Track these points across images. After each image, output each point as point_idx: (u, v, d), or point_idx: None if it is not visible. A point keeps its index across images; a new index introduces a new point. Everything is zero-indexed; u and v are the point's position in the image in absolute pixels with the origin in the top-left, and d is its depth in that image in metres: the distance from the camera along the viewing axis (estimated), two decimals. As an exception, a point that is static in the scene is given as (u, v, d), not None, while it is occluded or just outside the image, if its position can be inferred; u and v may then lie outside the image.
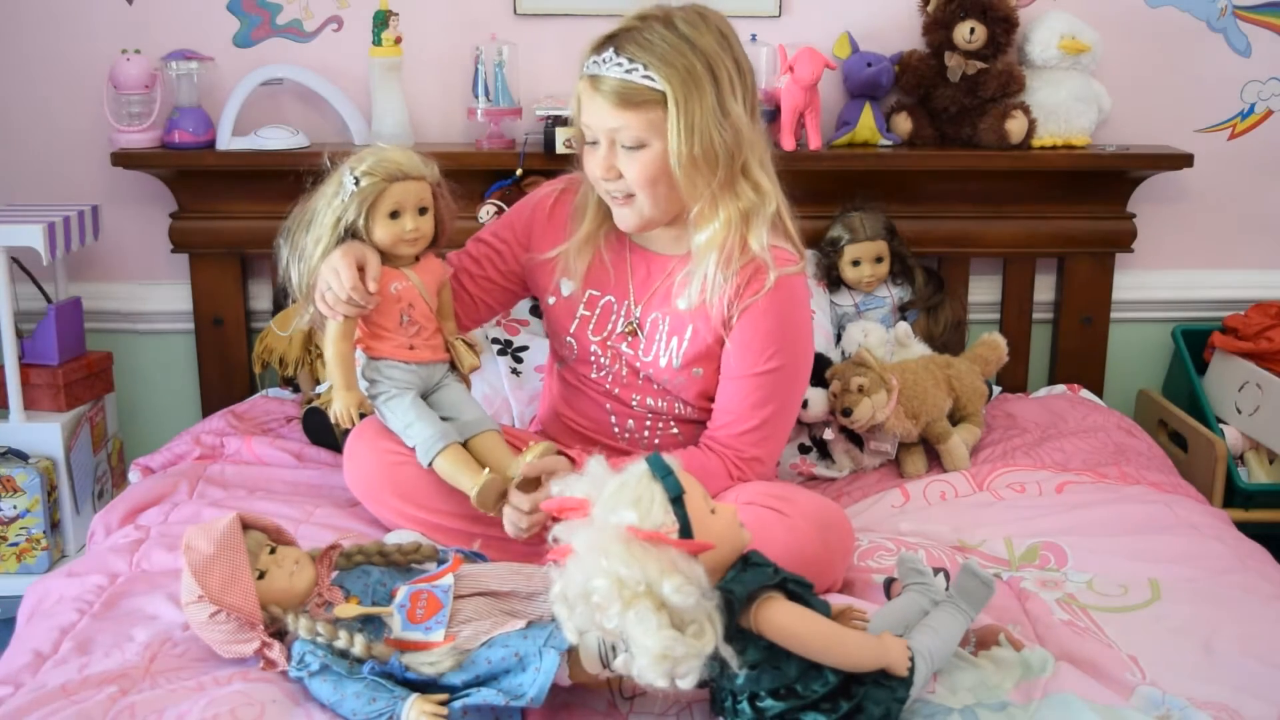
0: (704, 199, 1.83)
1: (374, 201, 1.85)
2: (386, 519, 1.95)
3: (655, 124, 1.78)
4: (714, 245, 1.85)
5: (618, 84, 1.77)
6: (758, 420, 1.91)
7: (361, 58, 2.62)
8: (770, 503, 1.80)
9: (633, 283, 1.99)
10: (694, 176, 1.80)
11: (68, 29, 2.66)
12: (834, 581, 1.83)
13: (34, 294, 2.64)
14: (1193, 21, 2.74)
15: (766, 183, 1.86)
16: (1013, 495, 2.15)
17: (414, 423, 1.87)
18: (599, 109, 1.80)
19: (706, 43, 1.78)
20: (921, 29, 2.66)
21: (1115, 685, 1.53)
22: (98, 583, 1.82)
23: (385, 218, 1.86)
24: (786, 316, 1.90)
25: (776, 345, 1.89)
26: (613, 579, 1.28)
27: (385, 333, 1.89)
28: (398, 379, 1.89)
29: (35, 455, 2.47)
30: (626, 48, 1.77)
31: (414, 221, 1.87)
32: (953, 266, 2.75)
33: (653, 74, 1.76)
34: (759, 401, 1.91)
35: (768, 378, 1.91)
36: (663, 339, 1.96)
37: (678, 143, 1.77)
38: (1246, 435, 2.65)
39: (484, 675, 1.47)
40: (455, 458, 1.85)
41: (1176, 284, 2.88)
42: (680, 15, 1.81)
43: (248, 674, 1.54)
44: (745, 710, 1.39)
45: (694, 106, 1.76)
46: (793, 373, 1.94)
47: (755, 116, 1.88)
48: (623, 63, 1.77)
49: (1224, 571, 1.85)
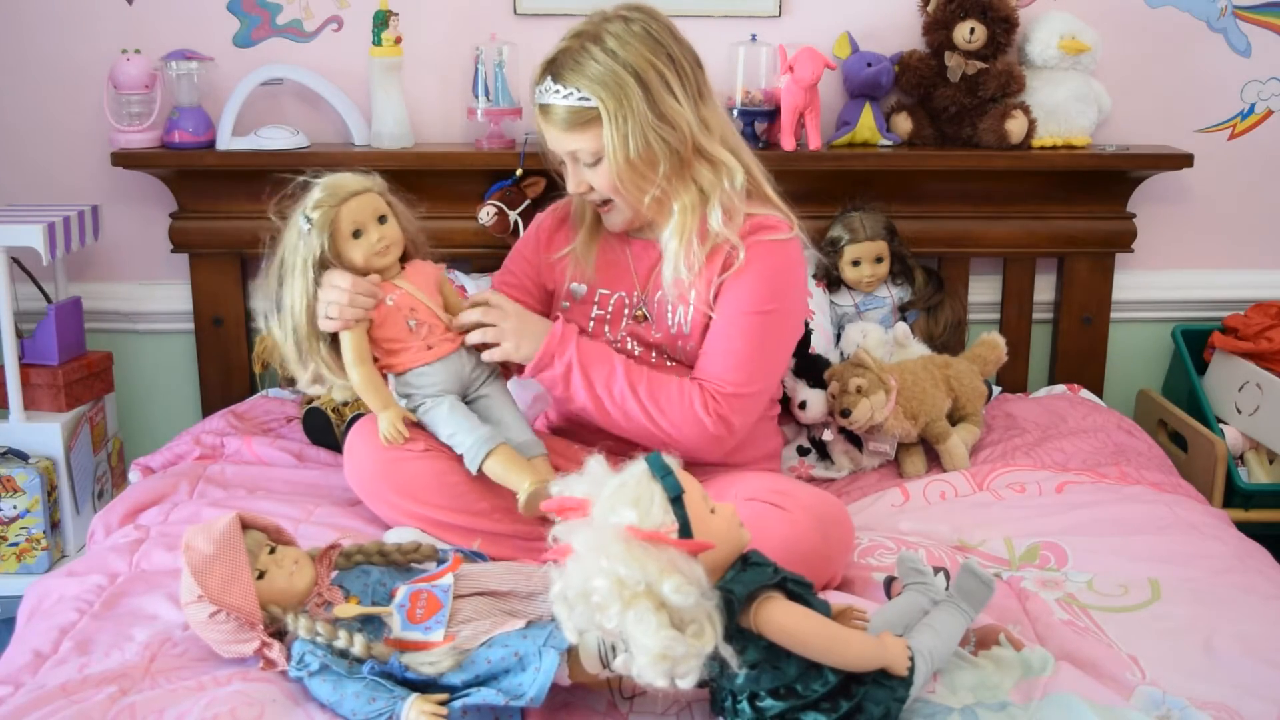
0: (652, 195, 1.93)
1: (332, 229, 1.87)
2: (386, 516, 1.95)
3: (603, 138, 1.90)
4: (674, 235, 1.96)
5: (561, 110, 1.91)
6: (740, 357, 1.95)
7: (361, 58, 2.62)
8: (770, 498, 1.81)
9: (637, 274, 2.06)
10: (636, 180, 1.92)
11: (68, 29, 2.66)
12: (834, 576, 1.83)
13: (34, 294, 2.64)
14: (1193, 21, 2.74)
15: (725, 155, 1.96)
16: (1013, 495, 2.15)
17: (456, 431, 1.89)
18: (554, 135, 1.95)
19: (632, 53, 1.89)
20: (921, 29, 2.66)
21: (1115, 685, 1.53)
22: (98, 583, 1.82)
23: (349, 239, 1.89)
24: (776, 272, 1.98)
25: (768, 292, 1.97)
26: (612, 579, 1.28)
27: (399, 344, 1.92)
28: (429, 385, 1.92)
29: (35, 455, 2.47)
30: (561, 74, 1.90)
31: (377, 232, 1.90)
32: (953, 266, 2.75)
33: (587, 95, 1.88)
34: (746, 341, 1.96)
35: (756, 319, 1.96)
36: (669, 313, 2.03)
37: (612, 152, 1.89)
38: (1246, 435, 2.65)
39: (484, 675, 1.47)
40: (505, 459, 1.86)
41: (1176, 284, 2.88)
42: (609, 29, 1.91)
43: (247, 674, 1.54)
44: (745, 710, 1.39)
45: (625, 117, 1.88)
46: (781, 320, 2.00)
47: (704, 97, 1.97)
48: (560, 89, 1.90)
49: (1224, 571, 1.85)
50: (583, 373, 1.94)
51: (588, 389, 1.94)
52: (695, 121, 1.92)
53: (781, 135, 2.55)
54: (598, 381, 1.94)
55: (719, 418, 1.93)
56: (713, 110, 1.98)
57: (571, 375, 1.94)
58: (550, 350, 1.94)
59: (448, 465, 1.92)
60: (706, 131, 1.95)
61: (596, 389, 1.94)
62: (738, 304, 1.96)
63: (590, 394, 1.94)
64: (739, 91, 2.59)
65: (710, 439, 1.94)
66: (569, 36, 1.93)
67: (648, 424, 1.93)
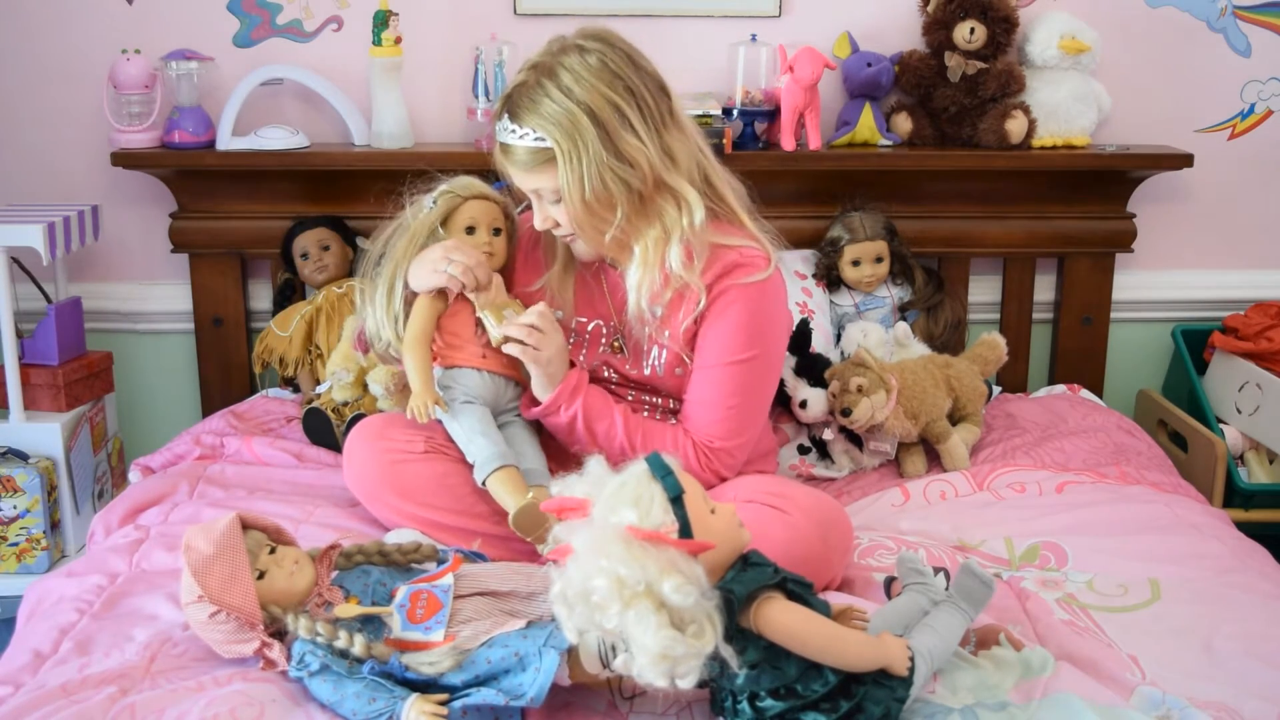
0: (611, 234, 1.89)
1: (450, 216, 1.97)
2: (386, 518, 1.95)
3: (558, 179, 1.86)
4: (636, 270, 1.91)
5: (519, 151, 1.87)
6: (726, 410, 1.95)
7: (361, 58, 2.62)
8: (769, 500, 1.81)
9: (613, 304, 2.03)
10: (593, 220, 1.87)
11: (68, 29, 2.66)
12: (833, 578, 1.83)
13: (34, 294, 2.64)
14: (1193, 21, 2.74)
15: (687, 190, 1.89)
16: (1013, 495, 2.15)
17: (478, 437, 1.90)
18: (516, 173, 1.91)
19: (586, 90, 1.82)
20: (921, 29, 2.66)
21: (1115, 685, 1.53)
22: (97, 583, 1.82)
23: (462, 232, 1.98)
24: (754, 316, 1.94)
25: (746, 338, 1.93)
26: (612, 579, 1.28)
27: (459, 340, 1.96)
28: (470, 386, 1.94)
29: (35, 455, 2.47)
30: (519, 114, 1.85)
31: (488, 237, 1.98)
32: (953, 266, 2.75)
33: (543, 135, 1.83)
34: (729, 392, 1.94)
35: (738, 368, 1.94)
36: (645, 355, 2.01)
37: (568, 193, 1.84)
38: (1246, 435, 2.65)
39: (484, 675, 1.47)
40: (509, 479, 1.87)
41: (1176, 284, 2.88)
42: (565, 62, 1.84)
43: (248, 674, 1.54)
44: (745, 710, 1.39)
45: (580, 158, 1.82)
46: (763, 365, 1.97)
47: (668, 125, 1.89)
48: (516, 129, 1.86)
49: (1224, 571, 1.85)
50: (585, 425, 1.95)
51: (589, 437, 1.95)
52: (658, 156, 1.85)
53: (781, 135, 2.55)
54: (599, 433, 1.95)
55: (711, 472, 1.96)
56: (679, 137, 1.90)
57: (575, 425, 1.95)
58: (559, 401, 1.95)
59: (448, 467, 1.92)
60: (671, 164, 1.87)
61: (598, 439, 1.95)
62: (718, 354, 1.94)
63: (591, 442, 1.95)
64: (739, 91, 2.59)
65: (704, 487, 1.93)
66: (526, 69, 1.88)
67: None
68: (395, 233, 2.01)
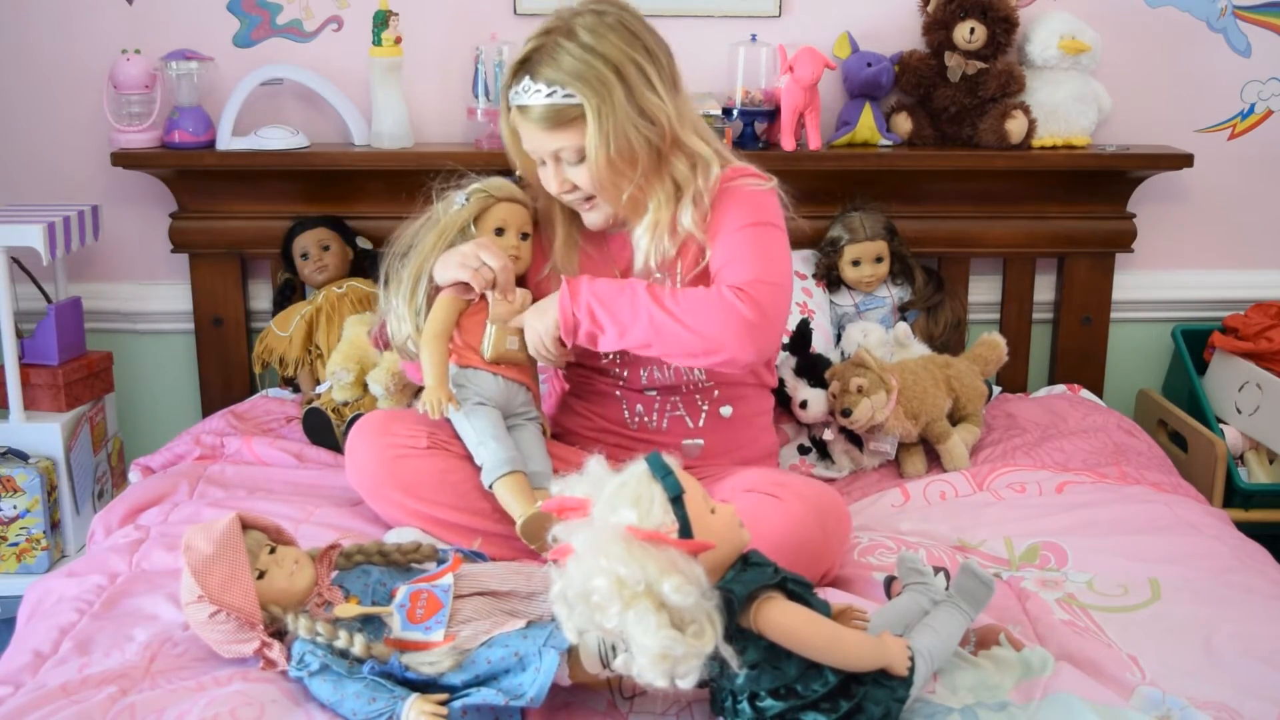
0: (628, 193, 1.90)
1: (481, 216, 1.96)
2: (388, 514, 1.95)
3: (586, 136, 1.86)
4: (646, 231, 1.94)
5: (544, 110, 1.85)
6: (749, 261, 1.90)
7: (361, 58, 2.62)
8: (767, 489, 1.82)
9: (617, 269, 2.03)
10: (614, 178, 1.88)
11: (68, 29, 2.66)
12: (832, 564, 1.84)
13: (34, 294, 2.64)
14: (1193, 21, 2.74)
15: (701, 147, 1.93)
16: (1013, 495, 2.15)
17: (489, 440, 1.89)
18: (535, 135, 1.89)
19: (609, 46, 1.85)
20: (921, 29, 2.66)
21: (1115, 685, 1.53)
22: (98, 583, 1.82)
23: (491, 232, 1.97)
24: (754, 197, 1.96)
25: (752, 209, 1.94)
26: (612, 579, 1.28)
27: (478, 341, 1.96)
28: (483, 388, 1.94)
29: (35, 455, 2.47)
30: (541, 72, 1.85)
31: (516, 241, 1.99)
32: (953, 266, 2.75)
33: (570, 91, 1.83)
34: (749, 248, 1.91)
35: (751, 230, 1.93)
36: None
37: (594, 150, 1.85)
38: (1246, 435, 2.65)
39: (484, 675, 1.47)
40: (516, 486, 1.86)
41: (1176, 284, 2.88)
42: (581, 22, 1.87)
43: (248, 674, 1.54)
44: (745, 710, 1.39)
45: (608, 114, 1.83)
46: (775, 234, 1.96)
47: (678, 88, 1.94)
48: (541, 88, 1.85)
49: (1224, 571, 1.85)
50: (606, 309, 1.88)
51: (614, 321, 1.88)
52: (674, 114, 1.89)
53: (781, 135, 2.55)
54: (623, 310, 1.88)
55: (753, 302, 1.86)
56: (685, 100, 1.95)
57: (597, 316, 1.89)
58: (565, 306, 1.90)
59: (450, 463, 1.92)
60: (683, 123, 1.91)
61: (623, 316, 1.88)
62: (729, 227, 1.93)
63: (618, 325, 1.88)
64: (739, 91, 2.59)
65: (749, 326, 1.84)
66: (539, 34, 1.88)
67: (683, 332, 1.85)
68: (424, 226, 2.00)
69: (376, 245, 2.62)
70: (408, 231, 2.02)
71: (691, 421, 2.07)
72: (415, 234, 2.00)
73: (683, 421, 2.07)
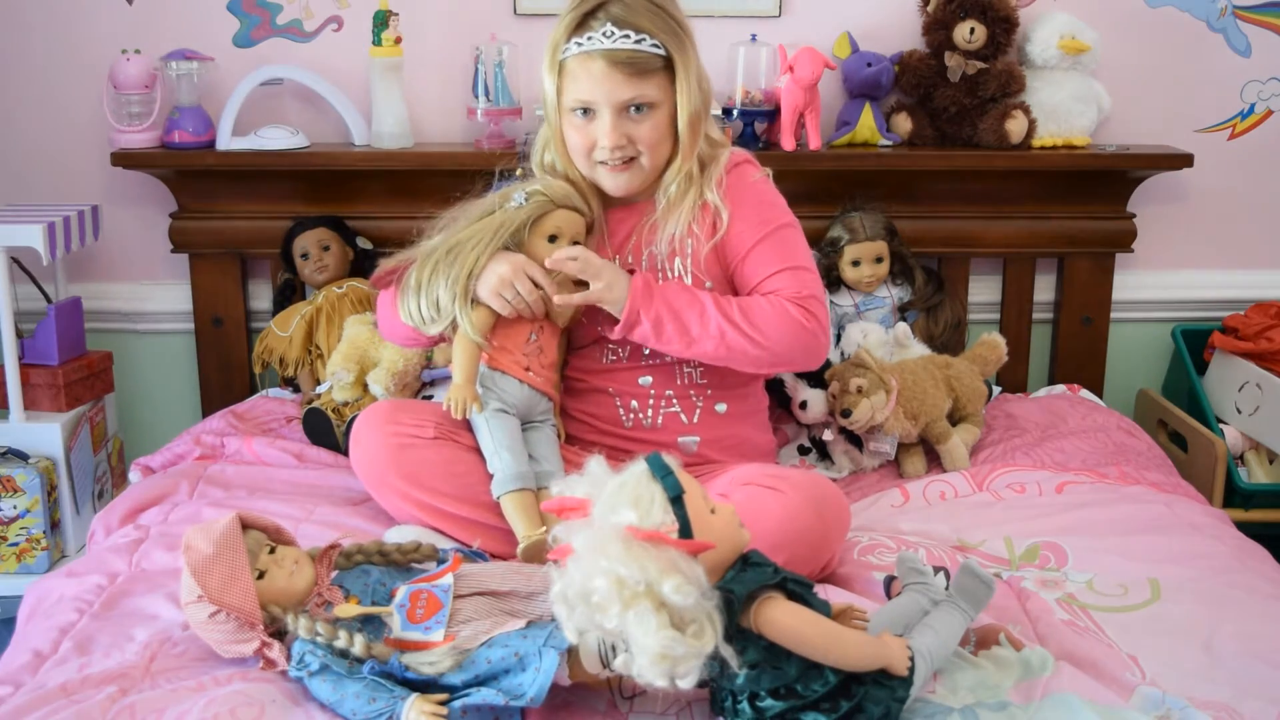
0: (700, 149, 1.97)
1: (538, 219, 1.93)
2: (391, 505, 1.94)
3: (662, 87, 1.91)
4: (674, 200, 1.98)
5: (630, 54, 1.86)
6: (796, 268, 1.98)
7: (361, 58, 2.62)
8: (765, 482, 1.83)
9: (610, 242, 2.04)
10: (693, 132, 1.94)
11: (68, 29, 2.66)
12: (832, 555, 1.84)
13: (34, 294, 2.64)
14: (1193, 21, 2.74)
15: (715, 130, 2.02)
16: (1012, 495, 2.15)
17: (504, 451, 1.89)
18: (611, 82, 1.87)
19: (674, 8, 1.93)
20: (921, 29, 2.66)
21: (1115, 685, 1.53)
22: (97, 583, 1.82)
23: (544, 239, 1.94)
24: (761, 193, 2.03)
25: (773, 209, 2.02)
26: (612, 579, 1.28)
27: (510, 346, 1.95)
28: (508, 394, 1.94)
29: (35, 455, 2.47)
30: (625, 21, 1.87)
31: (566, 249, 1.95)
32: (953, 266, 2.75)
33: (658, 42, 1.87)
34: (791, 251, 1.99)
35: (784, 234, 2.00)
36: (665, 265, 2.01)
37: (686, 101, 1.91)
38: (1246, 435, 2.65)
39: (484, 675, 1.47)
40: (524, 504, 1.86)
41: (1176, 284, 2.88)
42: None
43: (247, 674, 1.54)
44: (745, 710, 1.39)
45: (689, 65, 1.91)
46: (797, 230, 2.03)
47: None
48: (630, 34, 1.86)
49: (1224, 571, 1.85)
50: (675, 320, 1.91)
51: (681, 335, 1.92)
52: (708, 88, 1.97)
53: (781, 135, 2.55)
54: (693, 325, 1.92)
55: (810, 313, 1.94)
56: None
57: (664, 327, 1.91)
58: (635, 306, 1.91)
59: (456, 454, 1.92)
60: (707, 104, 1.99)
61: (692, 332, 1.91)
62: (754, 230, 1.98)
63: (683, 336, 1.92)
64: (739, 91, 2.59)
65: (809, 336, 1.93)
66: None
67: (748, 345, 1.92)
68: (480, 213, 1.96)
69: (377, 245, 2.62)
70: (465, 212, 1.98)
71: (686, 418, 2.07)
72: (471, 220, 1.96)
73: (677, 418, 2.07)
